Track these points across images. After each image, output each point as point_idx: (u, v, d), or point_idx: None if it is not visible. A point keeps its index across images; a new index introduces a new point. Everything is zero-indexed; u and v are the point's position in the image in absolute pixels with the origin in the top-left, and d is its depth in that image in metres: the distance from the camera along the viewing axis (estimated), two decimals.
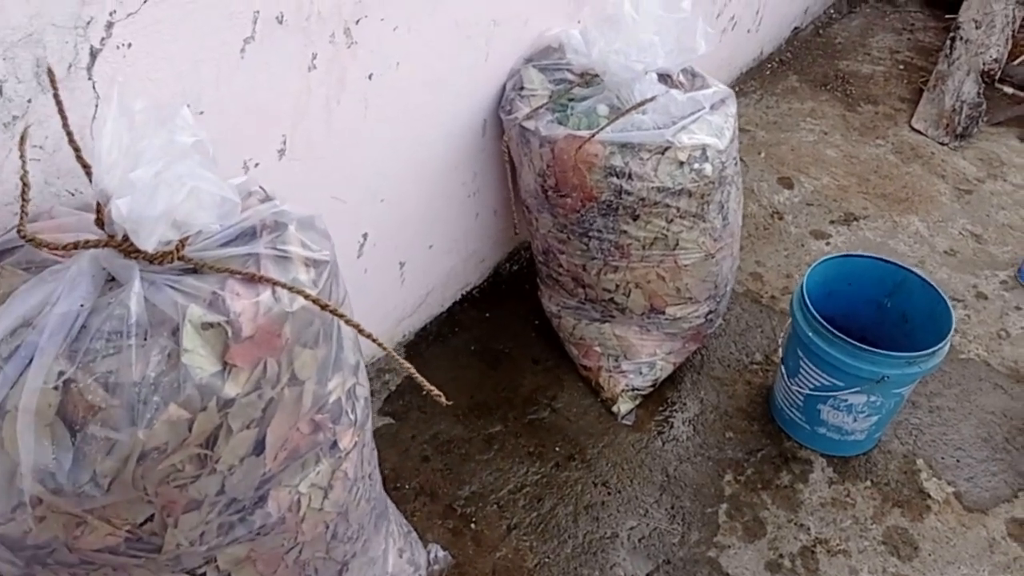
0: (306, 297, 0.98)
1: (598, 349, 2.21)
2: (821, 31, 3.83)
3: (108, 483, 0.91)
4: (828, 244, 2.73)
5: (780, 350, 2.16)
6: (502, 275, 2.52)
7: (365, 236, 1.88)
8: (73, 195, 1.17)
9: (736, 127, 2.02)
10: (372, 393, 2.15)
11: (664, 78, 1.99)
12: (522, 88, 1.99)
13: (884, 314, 2.14)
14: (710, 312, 2.19)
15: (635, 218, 1.96)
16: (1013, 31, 3.35)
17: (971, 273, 2.66)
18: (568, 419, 2.17)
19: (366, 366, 2.19)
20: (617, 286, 2.10)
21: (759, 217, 2.82)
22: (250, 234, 1.04)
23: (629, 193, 1.92)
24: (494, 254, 2.45)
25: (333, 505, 1.22)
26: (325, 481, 1.21)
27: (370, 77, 1.62)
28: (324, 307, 0.99)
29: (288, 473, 1.15)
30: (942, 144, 3.19)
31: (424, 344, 2.31)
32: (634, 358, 2.19)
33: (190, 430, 0.93)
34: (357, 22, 1.51)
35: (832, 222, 2.82)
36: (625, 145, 1.89)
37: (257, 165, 1.47)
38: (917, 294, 2.05)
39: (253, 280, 0.98)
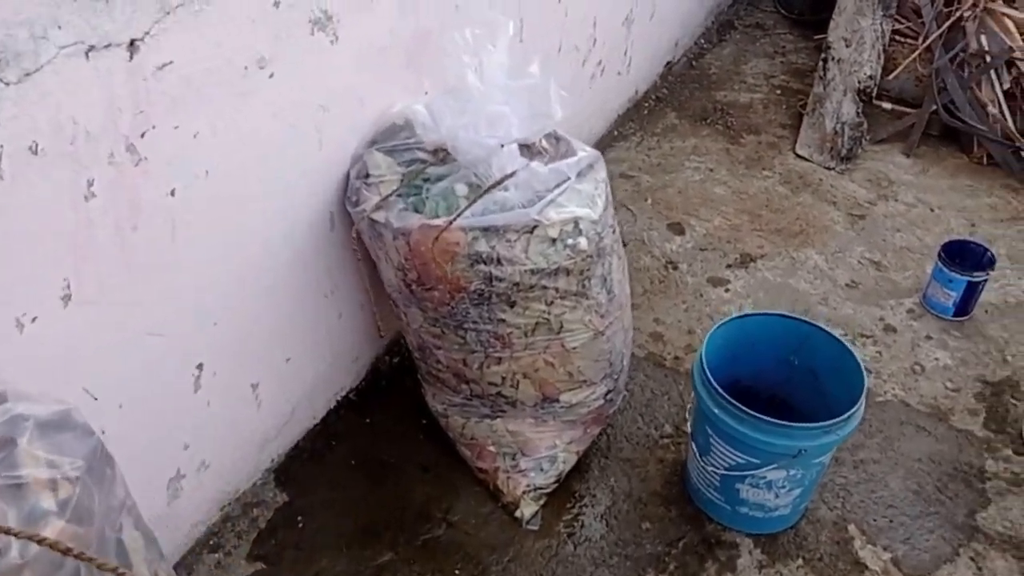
0: (39, 543, 0.74)
1: (492, 448, 2.01)
2: (694, 63, 3.76)
3: None
4: (727, 291, 2.59)
5: (688, 424, 1.99)
6: (381, 371, 2.30)
7: (200, 367, 1.64)
8: None
9: (608, 192, 1.86)
10: (239, 535, 1.90)
11: (525, 147, 1.81)
12: (367, 175, 1.79)
13: (793, 371, 2.00)
14: (609, 392, 2.01)
15: (511, 305, 1.77)
16: (884, 45, 3.32)
17: (876, 304, 2.56)
18: (467, 533, 1.95)
19: (233, 502, 1.94)
20: (503, 378, 1.90)
21: (653, 269, 2.67)
22: None
23: (500, 279, 1.73)
24: (369, 350, 2.23)
25: None
26: None
27: (172, 193, 1.40)
28: (66, 552, 0.75)
29: None
30: (829, 169, 3.12)
31: (297, 465, 2.06)
32: (533, 453, 1.99)
33: None
34: (142, 135, 1.29)
35: (729, 266, 2.69)
36: (489, 228, 1.70)
37: (35, 320, 1.23)
38: (823, 348, 1.92)
39: None
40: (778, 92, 3.57)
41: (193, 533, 1.86)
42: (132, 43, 1.22)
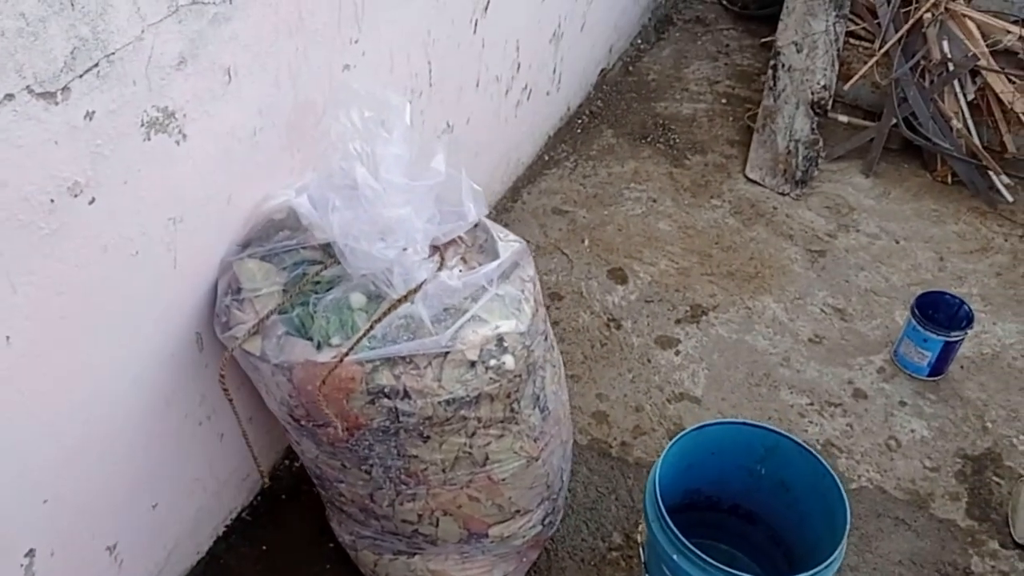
0: None
1: None
2: (631, 67, 3.48)
3: None
4: (677, 353, 2.35)
5: (641, 550, 1.74)
6: (280, 478, 2.00)
7: (31, 553, 1.33)
8: None
9: (538, 291, 1.59)
10: None
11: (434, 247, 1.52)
12: (239, 290, 1.48)
13: (759, 481, 1.76)
14: (547, 515, 1.75)
15: (425, 440, 1.50)
16: (838, 50, 3.09)
17: (843, 364, 2.34)
18: None
19: None
20: (419, 516, 1.63)
21: (593, 329, 2.41)
22: None
23: (409, 414, 1.45)
24: (263, 460, 1.92)
25: None
26: None
27: None
28: None
29: None
30: (783, 195, 2.89)
31: None
32: None
33: None
34: None
35: (678, 321, 2.44)
36: (392, 358, 1.41)
37: None
38: (795, 460, 1.69)
39: None
40: (723, 101, 3.32)
41: None
42: None
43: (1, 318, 1.10)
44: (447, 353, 1.43)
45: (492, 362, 1.46)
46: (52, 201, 1.11)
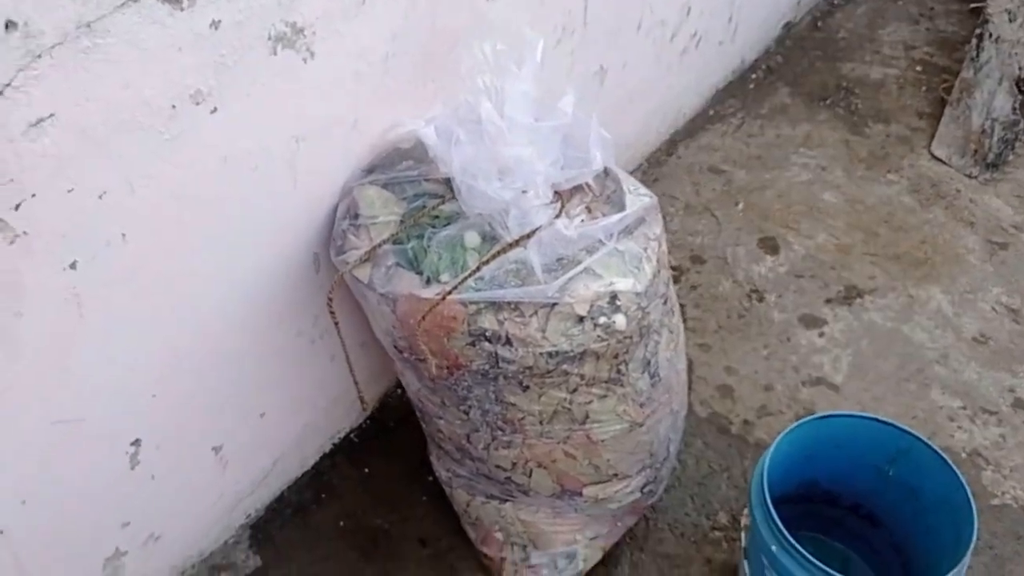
0: None
1: (499, 536, 1.74)
2: (820, 23, 3.25)
3: None
4: (821, 335, 2.21)
5: (743, 535, 1.66)
6: (390, 407, 2.04)
7: (137, 443, 1.42)
8: None
9: (662, 250, 1.52)
10: None
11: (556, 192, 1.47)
12: (357, 215, 1.49)
13: (886, 483, 1.64)
14: (647, 484, 1.70)
15: (524, 389, 1.47)
16: None
17: (1007, 369, 2.14)
18: None
19: (198, 564, 1.74)
20: (513, 464, 1.62)
21: (733, 299, 2.30)
22: None
23: (509, 361, 1.42)
24: (374, 386, 1.97)
25: None
26: None
27: (73, 266, 1.14)
28: None
29: None
30: (970, 177, 2.65)
31: (277, 522, 1.85)
32: (547, 548, 1.72)
33: None
34: (16, 207, 1.03)
35: (828, 301, 2.30)
36: (497, 302, 1.38)
37: None
38: (929, 466, 1.55)
39: None
40: (918, 69, 3.05)
41: None
42: None
43: (117, 215, 1.15)
44: (554, 304, 1.39)
45: (602, 320, 1.41)
46: (173, 107, 1.14)
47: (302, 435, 1.82)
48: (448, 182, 1.52)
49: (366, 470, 1.95)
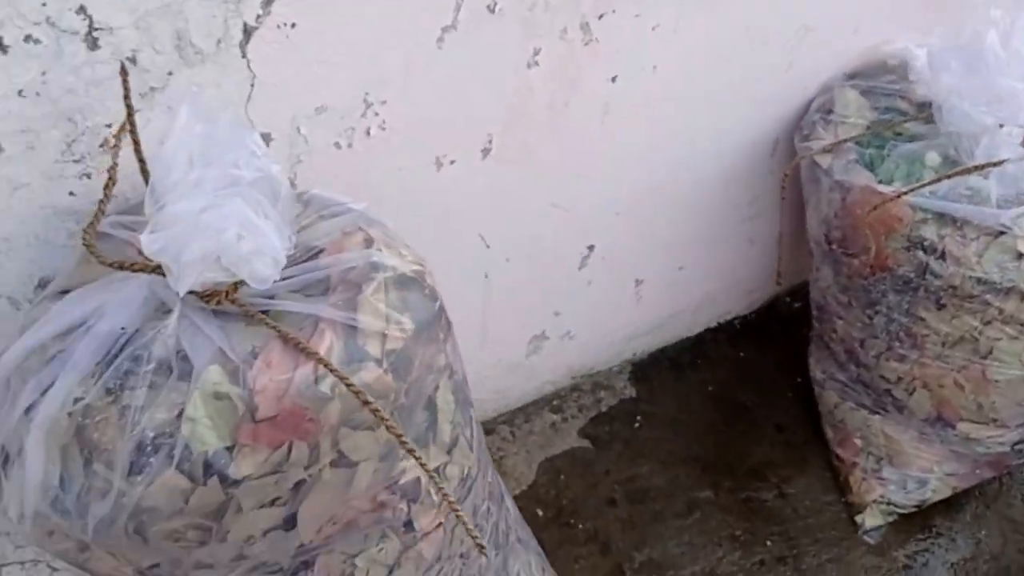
0: (348, 386, 0.85)
1: (858, 442, 1.86)
2: None
3: (100, 526, 0.87)
4: None
5: None
6: (778, 311, 2.22)
7: (591, 248, 1.71)
8: None
9: None
10: (580, 408, 2.02)
11: None
12: (830, 111, 1.65)
13: None
14: (1019, 442, 1.73)
15: (939, 307, 1.58)
16: None
17: None
18: (795, 511, 1.87)
19: (585, 376, 2.06)
20: (899, 378, 1.73)
21: None
22: (324, 286, 0.93)
23: (937, 275, 1.54)
24: (770, 287, 2.14)
25: None
26: (391, 559, 1.11)
27: (613, 80, 1.42)
28: (364, 404, 0.86)
29: (345, 543, 1.05)
30: None
31: (655, 370, 2.11)
32: (902, 468, 1.82)
33: (186, 502, 0.86)
34: (600, 17, 1.31)
35: None
36: (944, 215, 1.49)
37: (453, 163, 1.35)
38: None
39: (298, 348, 0.87)
40: None
41: (542, 389, 2.00)
42: None
43: (657, 47, 1.40)
44: (1001, 234, 1.47)
45: None
46: None
47: (701, 302, 2.05)
48: (920, 106, 1.63)
49: (742, 354, 2.14)
